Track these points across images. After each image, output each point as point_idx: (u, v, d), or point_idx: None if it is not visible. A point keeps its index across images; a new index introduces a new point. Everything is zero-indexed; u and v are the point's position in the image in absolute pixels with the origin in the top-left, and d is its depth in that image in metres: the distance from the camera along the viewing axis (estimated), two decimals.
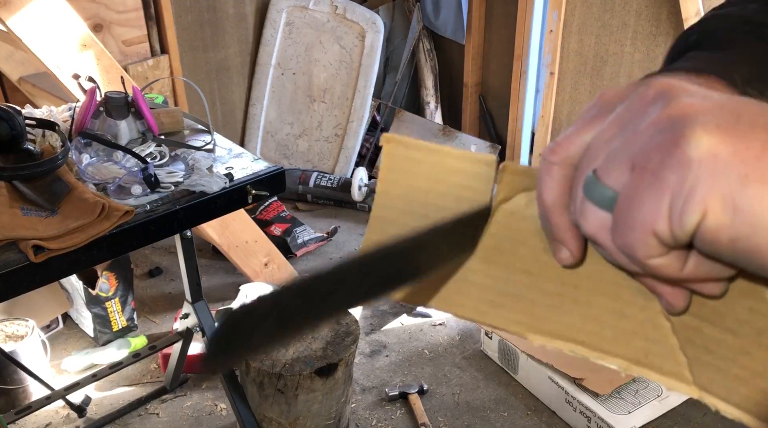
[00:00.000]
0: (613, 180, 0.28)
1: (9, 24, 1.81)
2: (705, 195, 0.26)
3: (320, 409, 1.75)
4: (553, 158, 0.32)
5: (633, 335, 0.34)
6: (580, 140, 0.32)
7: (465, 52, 3.21)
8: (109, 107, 1.52)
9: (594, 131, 0.31)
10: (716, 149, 0.26)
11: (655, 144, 0.27)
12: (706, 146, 0.26)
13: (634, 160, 0.28)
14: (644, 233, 0.27)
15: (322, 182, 3.08)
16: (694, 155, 0.26)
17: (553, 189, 0.32)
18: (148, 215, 1.33)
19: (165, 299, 2.51)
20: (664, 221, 0.27)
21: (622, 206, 0.28)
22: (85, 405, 1.92)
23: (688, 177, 0.26)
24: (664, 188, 0.26)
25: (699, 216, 0.26)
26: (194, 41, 2.88)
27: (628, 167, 0.28)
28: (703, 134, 0.26)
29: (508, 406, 2.03)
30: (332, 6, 3.13)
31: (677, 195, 0.26)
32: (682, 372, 0.33)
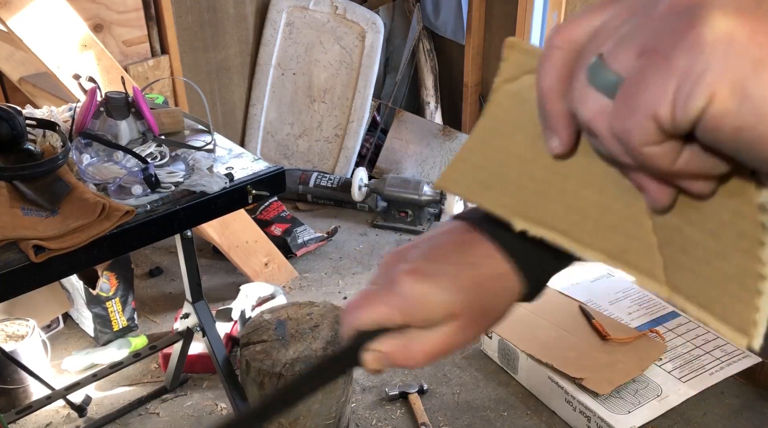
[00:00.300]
0: (620, 64, 0.27)
1: (9, 24, 1.81)
2: (715, 79, 0.24)
3: (320, 409, 1.76)
4: (557, 40, 0.31)
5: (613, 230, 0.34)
6: (587, 24, 0.30)
7: (465, 53, 3.21)
8: (110, 107, 1.52)
9: (604, 16, 0.30)
10: (733, 31, 0.24)
11: (669, 28, 0.26)
12: (723, 28, 0.24)
13: (644, 44, 0.26)
14: (645, 116, 0.26)
15: (322, 182, 3.08)
16: (709, 38, 0.25)
17: (551, 74, 0.31)
18: (148, 215, 1.33)
19: (165, 299, 2.52)
20: (667, 104, 0.26)
21: (625, 89, 0.27)
22: (86, 405, 1.92)
23: (700, 59, 0.25)
24: (672, 70, 0.25)
25: (705, 101, 0.25)
26: (194, 41, 2.88)
27: (636, 52, 0.27)
28: (720, 16, 0.25)
29: (508, 406, 2.03)
30: (332, 6, 3.13)
31: (686, 78, 0.25)
32: (655, 271, 0.33)
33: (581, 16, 0.30)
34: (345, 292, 2.55)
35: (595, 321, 2.09)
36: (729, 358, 2.04)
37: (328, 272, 2.68)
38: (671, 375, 1.99)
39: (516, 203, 0.37)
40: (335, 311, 1.85)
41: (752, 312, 0.29)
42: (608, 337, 2.03)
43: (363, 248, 2.81)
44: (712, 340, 2.11)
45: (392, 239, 2.88)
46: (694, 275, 0.31)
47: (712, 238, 0.30)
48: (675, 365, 2.02)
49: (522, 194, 0.37)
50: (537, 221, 0.36)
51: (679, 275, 0.32)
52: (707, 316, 0.31)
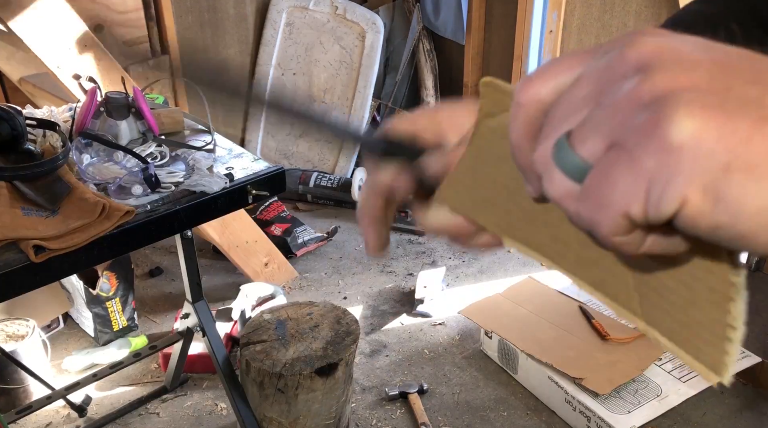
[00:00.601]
0: (586, 151, 0.27)
1: (10, 25, 1.81)
2: (685, 183, 0.25)
3: (320, 409, 1.76)
4: (523, 97, 0.31)
5: (593, 264, 0.35)
6: (553, 83, 0.30)
7: (465, 53, 3.21)
8: (110, 107, 1.52)
9: (571, 74, 0.30)
10: (699, 133, 0.24)
11: (635, 123, 0.26)
12: (689, 131, 0.24)
13: (611, 135, 0.26)
14: (615, 213, 0.26)
15: (323, 182, 3.08)
16: (676, 140, 0.24)
17: (519, 130, 0.31)
18: (148, 215, 1.33)
19: (165, 299, 2.52)
20: (639, 204, 0.26)
21: (593, 183, 0.27)
22: (86, 405, 1.92)
23: (668, 163, 0.25)
24: (641, 172, 0.25)
25: (677, 204, 0.25)
26: (194, 42, 2.88)
27: (603, 141, 0.27)
28: (686, 116, 0.24)
29: (508, 406, 2.03)
30: (332, 6, 3.13)
31: (655, 181, 0.25)
32: (632, 305, 0.34)
33: (547, 72, 0.30)
34: (345, 292, 2.55)
35: (594, 321, 2.09)
36: None
37: (328, 272, 2.68)
38: (671, 374, 1.99)
39: (505, 224, 0.38)
40: (335, 311, 1.85)
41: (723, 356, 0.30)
42: (608, 337, 2.03)
43: (363, 248, 2.82)
44: None
45: (392, 239, 2.88)
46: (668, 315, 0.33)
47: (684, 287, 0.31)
48: (675, 365, 2.02)
49: (509, 218, 0.38)
50: (525, 242, 0.37)
51: (654, 313, 0.33)
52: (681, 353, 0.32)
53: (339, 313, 1.85)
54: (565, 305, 2.20)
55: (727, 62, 0.26)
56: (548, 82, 0.30)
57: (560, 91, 0.30)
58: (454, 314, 2.38)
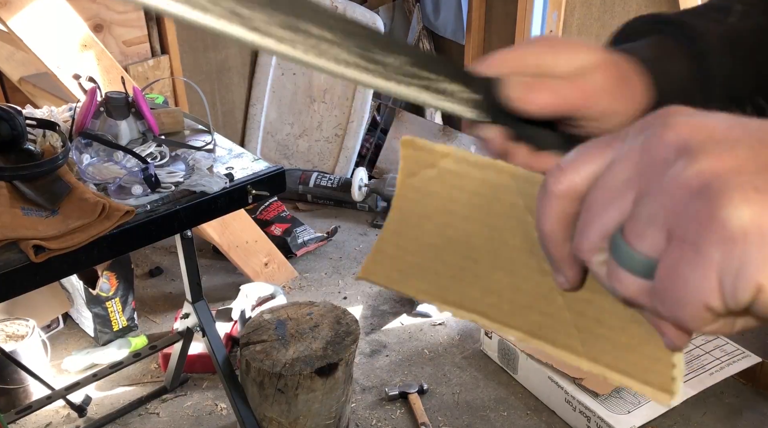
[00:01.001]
0: (647, 247, 0.27)
1: (10, 24, 1.81)
2: (756, 271, 0.24)
3: (320, 409, 1.76)
4: (556, 187, 0.30)
5: (529, 309, 0.35)
6: (587, 170, 0.29)
7: (465, 53, 3.21)
8: (110, 107, 1.52)
9: (603, 160, 0.29)
10: (759, 218, 0.24)
11: (690, 213, 0.25)
12: (748, 217, 0.24)
13: (669, 228, 0.26)
14: (697, 308, 0.26)
15: (322, 182, 3.08)
16: (737, 229, 0.24)
17: (552, 220, 0.31)
18: (148, 215, 1.33)
19: (165, 299, 2.52)
20: (715, 296, 0.25)
21: (664, 281, 0.26)
22: (86, 405, 1.92)
23: (735, 253, 0.24)
24: (709, 265, 0.25)
25: (753, 293, 0.24)
26: (194, 41, 2.88)
27: (663, 235, 0.26)
28: (741, 202, 0.24)
29: (508, 406, 2.03)
30: (332, 6, 3.13)
31: (726, 272, 0.25)
32: (573, 345, 0.34)
33: (580, 158, 0.30)
34: (345, 292, 2.55)
35: None
36: (729, 358, 2.04)
37: (328, 272, 2.68)
38: None
39: (436, 289, 0.38)
40: (335, 311, 1.85)
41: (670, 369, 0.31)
42: None
43: (363, 248, 2.81)
44: (712, 340, 2.11)
45: None
46: (611, 343, 0.33)
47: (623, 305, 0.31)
48: None
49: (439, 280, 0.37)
50: (457, 304, 0.37)
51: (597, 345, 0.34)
52: (629, 380, 0.32)
53: (339, 313, 1.85)
54: None
55: (763, 136, 0.25)
56: (581, 170, 0.29)
57: (594, 178, 0.29)
58: None
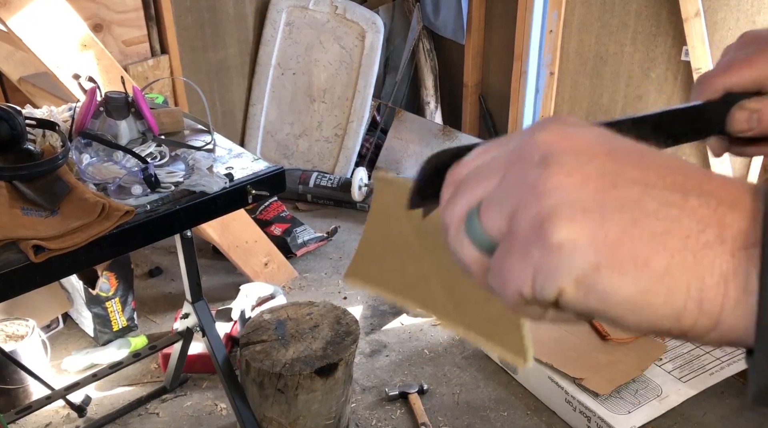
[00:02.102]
0: (492, 226, 0.31)
1: (9, 24, 1.81)
2: (561, 277, 0.29)
3: (320, 409, 1.75)
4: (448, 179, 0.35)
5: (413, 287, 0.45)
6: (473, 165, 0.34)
7: (465, 52, 3.21)
8: (110, 107, 1.52)
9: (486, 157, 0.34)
10: (575, 236, 0.28)
11: (527, 213, 0.30)
12: (566, 234, 0.28)
13: (510, 217, 0.30)
14: (513, 292, 0.31)
15: (322, 182, 3.08)
16: (555, 241, 0.28)
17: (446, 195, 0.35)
18: (148, 215, 1.33)
19: (165, 299, 2.51)
20: (528, 287, 0.30)
21: (495, 265, 0.31)
22: (86, 405, 1.92)
23: (549, 258, 0.29)
24: (528, 262, 0.30)
25: (556, 293, 0.29)
26: (194, 41, 2.88)
27: (504, 221, 0.31)
28: (567, 220, 0.28)
29: (508, 406, 2.03)
30: (332, 6, 3.13)
31: (539, 272, 0.29)
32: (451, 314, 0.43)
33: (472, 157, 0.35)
34: (345, 292, 2.55)
35: (595, 321, 2.09)
36: (729, 358, 2.04)
37: (327, 272, 2.67)
38: (671, 374, 1.98)
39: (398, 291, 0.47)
40: (335, 311, 1.85)
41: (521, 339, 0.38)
42: (608, 337, 2.03)
43: None
44: None
45: None
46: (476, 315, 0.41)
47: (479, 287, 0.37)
48: (675, 365, 2.02)
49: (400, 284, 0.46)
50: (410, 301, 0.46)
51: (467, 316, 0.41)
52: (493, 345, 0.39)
53: (339, 313, 1.84)
54: None
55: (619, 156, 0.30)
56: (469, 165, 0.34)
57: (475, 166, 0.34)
58: None
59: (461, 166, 0.35)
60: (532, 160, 0.31)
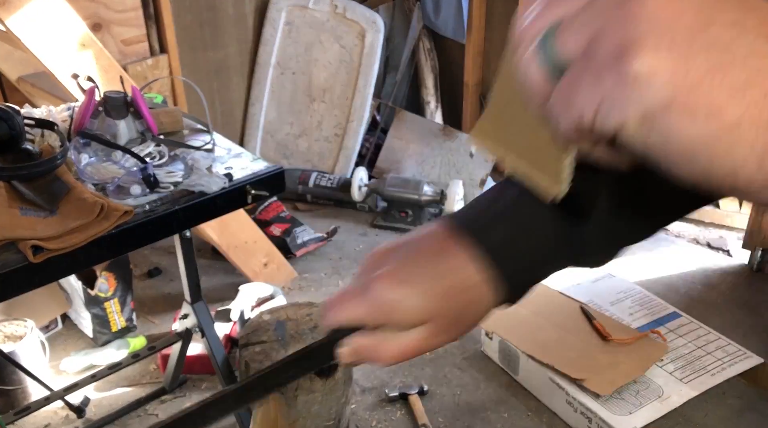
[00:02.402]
0: (568, 49, 0.30)
1: (8, 23, 1.80)
2: (629, 109, 0.27)
3: (320, 410, 1.75)
4: None
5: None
6: None
7: (465, 52, 3.20)
8: (108, 106, 1.51)
9: None
10: (655, 68, 0.27)
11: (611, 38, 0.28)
12: (647, 65, 0.27)
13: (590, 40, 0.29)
14: (573, 117, 0.30)
15: (322, 182, 3.08)
16: (633, 69, 0.27)
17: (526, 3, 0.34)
18: (147, 215, 1.32)
19: (164, 299, 2.51)
20: (589, 115, 0.29)
21: (563, 86, 0.30)
22: (84, 406, 1.91)
23: (622, 87, 0.27)
24: (599, 88, 0.28)
25: (618, 124, 0.28)
26: (194, 41, 2.87)
27: (583, 44, 0.29)
28: (650, 50, 0.27)
29: (509, 407, 2.02)
30: (332, 5, 3.12)
31: (608, 98, 0.28)
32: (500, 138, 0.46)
33: None
34: None
35: (596, 322, 2.09)
36: (731, 359, 2.03)
37: (327, 272, 2.67)
38: (673, 375, 1.98)
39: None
40: None
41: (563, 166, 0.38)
42: (609, 338, 2.02)
43: (363, 249, 2.81)
44: (714, 341, 2.11)
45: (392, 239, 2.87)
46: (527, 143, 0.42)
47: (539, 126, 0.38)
48: (676, 365, 2.01)
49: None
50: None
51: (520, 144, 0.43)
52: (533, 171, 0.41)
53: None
54: (566, 306, 2.19)
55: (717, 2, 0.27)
56: None
57: None
58: None
59: None
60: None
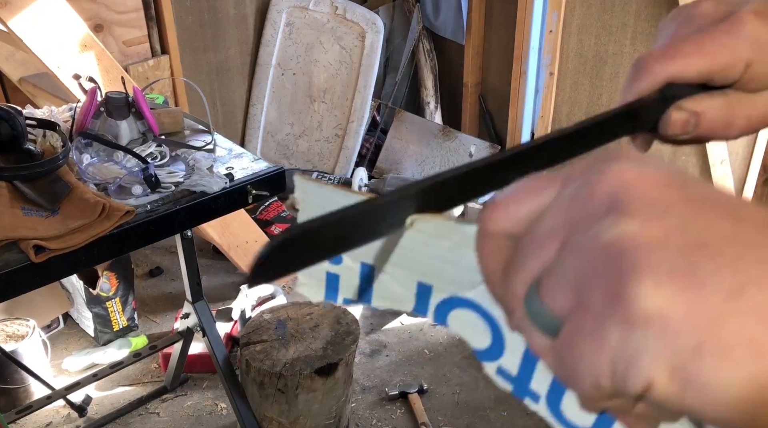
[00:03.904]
0: (557, 305, 0.25)
1: (10, 25, 1.81)
2: (652, 364, 0.22)
3: (320, 409, 1.76)
4: (487, 226, 0.28)
5: None
6: (519, 210, 0.28)
7: (465, 53, 3.21)
8: (110, 107, 1.52)
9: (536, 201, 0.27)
10: (667, 309, 0.21)
11: (599, 281, 0.23)
12: (654, 305, 0.22)
13: (577, 290, 0.24)
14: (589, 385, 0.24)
15: None
16: (641, 314, 0.22)
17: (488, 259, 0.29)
18: (148, 215, 1.33)
19: (165, 298, 2.52)
20: (606, 378, 0.23)
21: (563, 347, 0.25)
22: (86, 405, 1.92)
23: (632, 339, 0.22)
24: (605, 345, 0.23)
25: (644, 385, 0.22)
26: (195, 42, 2.88)
27: (571, 295, 0.24)
28: (652, 286, 0.22)
29: (508, 406, 2.03)
30: (332, 6, 3.13)
31: (620, 357, 0.22)
32: None
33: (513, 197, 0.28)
34: None
35: None
36: None
37: None
38: None
39: None
40: (335, 311, 1.85)
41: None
42: None
43: None
44: None
45: None
46: None
47: None
48: None
49: None
50: None
51: None
52: None
53: (339, 313, 1.85)
54: None
55: (702, 204, 0.23)
56: (513, 211, 0.28)
57: (526, 219, 0.27)
58: None
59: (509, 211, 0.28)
60: (597, 213, 0.24)
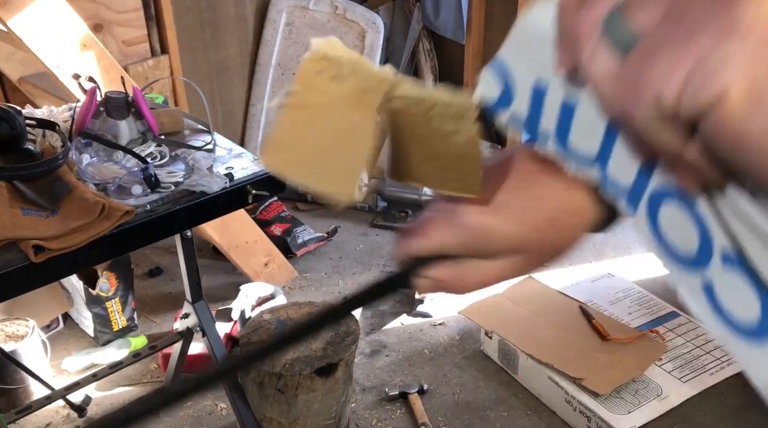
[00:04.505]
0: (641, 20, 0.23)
1: (9, 24, 1.81)
2: (734, 74, 0.20)
3: (320, 409, 1.75)
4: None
5: None
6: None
7: (465, 52, 3.21)
8: (110, 107, 1.52)
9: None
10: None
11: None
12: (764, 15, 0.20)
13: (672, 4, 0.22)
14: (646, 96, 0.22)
15: None
16: (744, 23, 0.20)
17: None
18: (148, 215, 1.33)
19: (165, 299, 2.51)
20: (674, 88, 0.21)
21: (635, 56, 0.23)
22: (86, 405, 1.92)
23: (725, 46, 0.20)
24: (691, 49, 0.21)
25: (715, 96, 0.21)
26: (194, 41, 2.88)
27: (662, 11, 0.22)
28: None
29: (508, 406, 2.03)
30: (332, 6, 3.13)
31: (702, 63, 0.21)
32: None
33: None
34: (345, 292, 2.55)
35: (595, 321, 2.09)
36: (729, 358, 2.04)
37: (328, 272, 2.67)
38: (671, 375, 1.98)
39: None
40: None
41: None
42: (608, 337, 2.03)
43: (363, 248, 2.81)
44: (713, 340, 2.11)
45: (392, 239, 2.88)
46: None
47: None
48: (675, 365, 2.02)
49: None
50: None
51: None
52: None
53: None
54: (565, 306, 2.20)
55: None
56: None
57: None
58: (454, 314, 2.38)
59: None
60: None
